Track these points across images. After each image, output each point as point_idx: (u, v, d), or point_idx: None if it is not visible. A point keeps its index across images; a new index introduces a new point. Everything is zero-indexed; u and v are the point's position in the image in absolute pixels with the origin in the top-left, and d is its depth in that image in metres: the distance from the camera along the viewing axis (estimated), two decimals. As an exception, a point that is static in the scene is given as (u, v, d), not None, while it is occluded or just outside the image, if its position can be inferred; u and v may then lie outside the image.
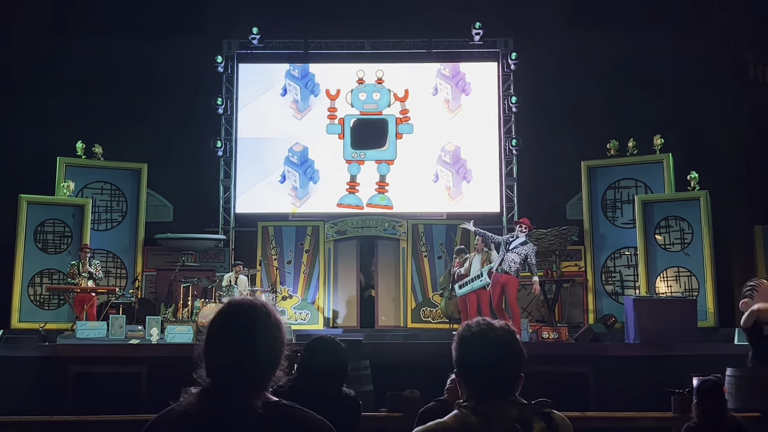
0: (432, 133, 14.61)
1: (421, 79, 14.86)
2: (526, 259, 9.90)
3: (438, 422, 2.07)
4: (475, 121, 14.65)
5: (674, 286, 12.08)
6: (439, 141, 14.59)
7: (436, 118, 14.69)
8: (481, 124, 14.63)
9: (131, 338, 10.00)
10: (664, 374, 7.57)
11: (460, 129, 14.63)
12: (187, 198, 14.43)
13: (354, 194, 14.49)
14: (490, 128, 14.59)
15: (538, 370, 7.09)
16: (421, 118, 14.68)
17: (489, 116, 14.64)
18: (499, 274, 9.83)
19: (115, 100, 14.13)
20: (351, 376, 3.81)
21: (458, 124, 14.66)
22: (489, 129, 14.60)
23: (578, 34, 14.12)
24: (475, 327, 2.14)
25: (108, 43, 14.24)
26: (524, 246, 9.90)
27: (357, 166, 14.58)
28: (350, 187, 14.52)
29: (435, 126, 14.66)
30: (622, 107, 13.78)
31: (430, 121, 14.66)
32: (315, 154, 14.63)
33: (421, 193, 14.43)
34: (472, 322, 2.19)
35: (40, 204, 12.63)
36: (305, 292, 13.42)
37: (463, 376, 2.13)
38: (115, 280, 13.26)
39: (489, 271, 10.12)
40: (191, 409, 1.79)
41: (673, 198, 12.45)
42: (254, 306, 1.91)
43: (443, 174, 14.50)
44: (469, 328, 2.16)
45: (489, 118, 14.63)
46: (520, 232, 9.97)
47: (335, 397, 3.45)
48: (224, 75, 14.71)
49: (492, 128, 14.58)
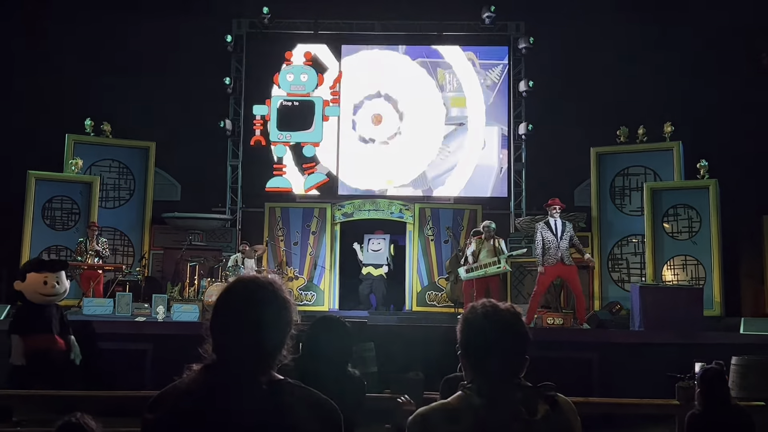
0: (441, 116, 14.56)
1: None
2: (571, 240, 9.85)
3: (442, 402, 2.06)
4: (485, 105, 14.58)
5: (681, 275, 12.04)
6: (449, 124, 14.54)
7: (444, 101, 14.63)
8: (490, 108, 14.56)
9: (137, 316, 10.04)
10: (669, 362, 7.56)
11: (470, 112, 14.57)
12: (194, 177, 14.44)
13: (281, 177, 14.47)
14: (500, 113, 14.52)
15: (543, 355, 7.09)
16: (428, 101, 14.62)
17: (501, 101, 14.56)
18: (553, 266, 9.74)
19: (124, 78, 14.08)
20: (355, 357, 3.82)
21: (467, 107, 14.60)
22: (499, 113, 14.54)
23: (589, 19, 13.98)
24: (480, 309, 2.12)
25: (117, 20, 14.16)
26: (567, 228, 9.85)
27: (283, 147, 14.54)
28: (276, 169, 14.50)
29: (443, 110, 14.61)
30: (633, 94, 13.67)
31: (439, 103, 14.61)
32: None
33: (430, 177, 14.41)
34: (478, 304, 2.17)
35: (48, 180, 12.65)
36: (311, 273, 13.45)
37: (468, 358, 2.11)
38: (122, 258, 13.31)
39: (507, 258, 10.17)
40: (195, 385, 1.79)
41: (682, 186, 12.39)
42: (261, 284, 1.90)
43: (451, 158, 14.45)
44: (475, 310, 2.14)
45: (501, 103, 14.55)
46: (555, 212, 9.89)
47: (340, 376, 3.46)
48: (233, 54, 14.66)
49: (503, 113, 14.51)
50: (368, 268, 13.16)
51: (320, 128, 14.56)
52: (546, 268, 9.81)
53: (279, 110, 14.59)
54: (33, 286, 7.19)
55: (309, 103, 14.63)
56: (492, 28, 14.40)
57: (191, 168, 14.43)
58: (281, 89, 14.66)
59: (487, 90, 14.60)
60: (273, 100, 14.60)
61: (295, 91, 14.68)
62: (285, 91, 14.68)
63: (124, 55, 14.23)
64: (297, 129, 14.51)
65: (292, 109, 14.59)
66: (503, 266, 10.34)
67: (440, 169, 14.45)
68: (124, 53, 14.23)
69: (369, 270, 13.14)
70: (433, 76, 14.72)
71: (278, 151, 14.50)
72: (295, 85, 14.69)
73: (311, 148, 14.52)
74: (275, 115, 14.56)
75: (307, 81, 14.69)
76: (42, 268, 7.30)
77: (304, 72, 14.72)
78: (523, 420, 1.95)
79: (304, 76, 14.72)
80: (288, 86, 14.70)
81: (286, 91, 14.67)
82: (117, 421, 5.81)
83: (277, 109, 14.59)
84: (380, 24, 14.71)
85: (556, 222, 9.89)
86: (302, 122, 14.53)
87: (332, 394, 1.96)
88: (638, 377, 7.73)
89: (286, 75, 14.71)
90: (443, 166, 14.46)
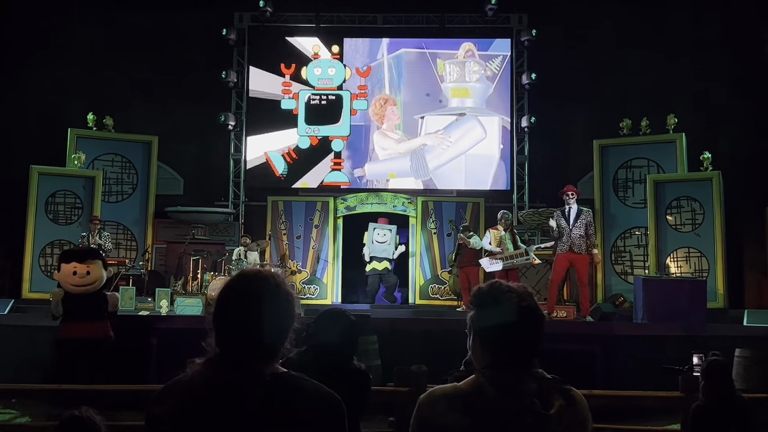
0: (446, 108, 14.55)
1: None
2: (587, 229, 9.81)
3: (454, 385, 1.98)
4: (486, 96, 14.55)
5: (684, 267, 12.03)
6: (450, 114, 14.52)
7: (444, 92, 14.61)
8: (491, 99, 14.53)
9: (141, 310, 10.06)
10: (672, 354, 7.55)
11: (470, 103, 14.55)
12: (197, 171, 14.47)
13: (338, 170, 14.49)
14: (503, 105, 14.49)
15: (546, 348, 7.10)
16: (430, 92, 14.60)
17: (502, 92, 14.53)
18: (564, 253, 9.73)
19: (126, 72, 14.10)
20: (359, 350, 3.81)
21: (467, 98, 14.57)
22: (500, 105, 14.51)
23: (592, 11, 13.94)
24: (499, 291, 2.02)
25: (119, 14, 14.17)
26: (583, 216, 9.81)
27: (306, 140, 14.52)
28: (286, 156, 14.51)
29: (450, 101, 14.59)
30: (636, 86, 13.65)
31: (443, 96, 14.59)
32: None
33: (431, 168, 14.39)
34: (492, 284, 2.07)
35: (51, 175, 12.66)
36: (314, 266, 13.46)
37: (482, 341, 2.00)
38: (125, 252, 13.33)
39: (535, 249, 10.17)
40: (198, 378, 1.80)
41: (685, 178, 12.36)
42: (264, 277, 1.90)
43: (452, 148, 14.43)
44: (494, 293, 2.03)
45: (502, 95, 14.52)
46: (569, 199, 9.86)
47: (345, 369, 3.45)
48: (235, 48, 14.65)
49: (505, 105, 14.48)
50: (372, 263, 12.84)
51: (348, 122, 14.55)
52: (558, 255, 9.85)
53: (306, 104, 14.58)
54: (64, 277, 7.24)
55: (337, 97, 14.63)
56: (494, 20, 14.37)
57: (194, 162, 14.46)
58: (309, 83, 14.65)
59: (487, 81, 14.55)
60: (300, 94, 14.60)
61: (323, 85, 14.67)
62: (313, 85, 14.67)
63: (126, 48, 14.22)
64: (325, 123, 14.51)
65: (320, 103, 14.60)
66: (532, 258, 10.35)
67: (441, 159, 14.41)
68: (126, 47, 14.22)
69: (373, 265, 12.81)
70: (433, 66, 14.68)
71: (302, 143, 14.49)
72: (323, 79, 14.68)
73: (339, 142, 14.51)
74: (303, 109, 14.56)
75: (335, 75, 14.68)
76: (71, 258, 7.34)
77: (331, 66, 14.72)
78: (536, 413, 1.87)
79: (331, 69, 14.71)
80: (316, 80, 14.69)
81: (314, 85, 14.67)
82: (121, 414, 5.83)
83: (305, 103, 14.58)
84: (382, 17, 14.68)
85: (571, 209, 9.89)
86: (330, 116, 14.53)
87: (337, 386, 1.95)
88: (641, 369, 7.73)
89: (314, 69, 14.70)
90: (444, 156, 14.42)
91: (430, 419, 1.92)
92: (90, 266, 7.24)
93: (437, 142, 14.41)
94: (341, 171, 14.46)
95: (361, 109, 14.57)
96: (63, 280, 7.25)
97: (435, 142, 14.42)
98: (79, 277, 7.18)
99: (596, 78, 13.81)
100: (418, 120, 14.54)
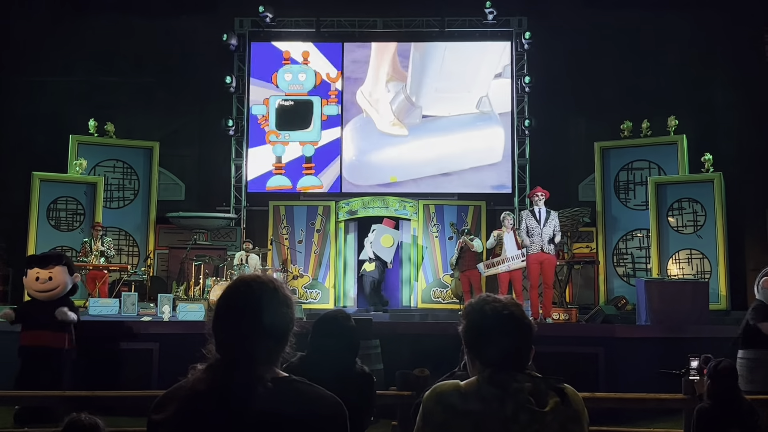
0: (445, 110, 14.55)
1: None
2: (554, 231, 9.71)
3: (456, 383, 2.06)
4: (486, 98, 14.54)
5: (686, 269, 12.02)
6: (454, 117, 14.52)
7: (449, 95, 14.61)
8: (494, 103, 14.52)
9: (143, 315, 10.06)
10: (675, 356, 7.54)
11: (474, 107, 14.54)
12: (198, 176, 14.49)
13: (281, 175, 14.51)
14: (504, 108, 14.48)
15: (549, 350, 7.09)
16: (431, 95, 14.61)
17: (502, 96, 14.52)
18: (535, 254, 9.63)
19: (127, 78, 14.13)
20: (361, 354, 3.81)
21: (468, 100, 14.57)
22: (502, 108, 14.50)
23: (592, 12, 13.95)
24: (484, 303, 2.12)
25: (120, 21, 14.20)
26: (551, 217, 9.72)
27: (281, 147, 14.56)
28: (276, 168, 14.53)
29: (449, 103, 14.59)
30: (636, 88, 13.65)
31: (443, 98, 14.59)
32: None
33: (434, 174, 14.39)
34: (480, 297, 2.17)
35: (52, 181, 12.69)
36: (316, 271, 13.46)
37: (476, 353, 2.10)
38: (127, 258, 13.34)
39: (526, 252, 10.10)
40: (199, 384, 1.79)
41: (686, 180, 12.37)
42: (262, 282, 1.90)
43: (455, 154, 14.43)
44: (480, 304, 2.12)
45: (502, 98, 14.51)
46: (538, 200, 9.79)
47: (348, 373, 3.44)
48: (236, 53, 14.67)
49: (505, 108, 14.47)
50: (364, 264, 12.64)
51: (318, 127, 14.56)
52: (529, 257, 9.74)
53: (277, 110, 14.61)
54: (28, 282, 7.23)
55: (307, 102, 14.64)
56: (494, 23, 14.38)
57: (195, 167, 14.47)
58: (279, 89, 14.68)
59: (487, 83, 14.54)
60: (271, 99, 14.61)
61: (293, 90, 14.69)
62: (283, 90, 14.69)
63: (127, 55, 14.25)
64: (296, 128, 14.53)
65: (290, 109, 14.62)
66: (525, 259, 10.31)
67: (443, 162, 14.39)
68: (127, 53, 14.25)
69: (364, 267, 12.64)
70: (434, 67, 14.69)
71: (276, 150, 14.52)
72: (293, 84, 14.70)
73: (310, 148, 14.53)
74: (274, 115, 14.58)
75: (305, 80, 14.71)
76: (33, 264, 7.30)
77: (302, 71, 14.74)
78: (531, 411, 1.94)
79: (302, 75, 14.73)
80: (286, 85, 14.71)
81: (285, 91, 14.69)
82: (123, 420, 5.83)
83: (276, 109, 14.60)
84: (382, 21, 14.70)
85: (541, 210, 9.80)
86: (301, 121, 14.55)
87: (340, 391, 1.95)
88: (644, 372, 7.72)
89: (284, 74, 14.73)
90: (445, 158, 14.41)
91: (434, 414, 2.01)
92: (52, 271, 7.19)
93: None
94: (313, 175, 14.50)
95: (331, 115, 14.60)
96: (27, 286, 7.25)
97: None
98: (41, 282, 7.15)
99: (597, 80, 13.82)
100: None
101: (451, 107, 14.50)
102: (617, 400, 5.90)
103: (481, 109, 14.41)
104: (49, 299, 7.12)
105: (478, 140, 14.40)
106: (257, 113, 14.62)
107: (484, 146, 14.40)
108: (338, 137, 14.55)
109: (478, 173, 14.35)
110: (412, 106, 14.54)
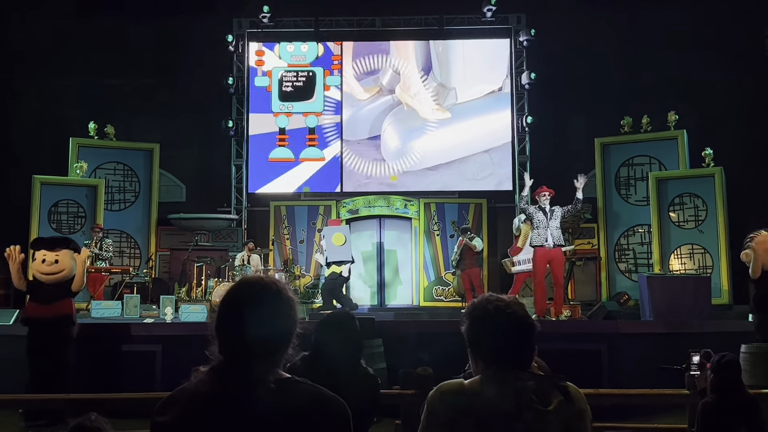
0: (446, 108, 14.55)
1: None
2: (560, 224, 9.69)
3: (460, 382, 2.09)
4: (489, 97, 14.54)
5: (688, 264, 12.01)
6: (455, 116, 14.52)
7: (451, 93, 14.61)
8: (494, 100, 14.51)
9: (145, 317, 10.05)
10: (678, 352, 7.53)
11: (475, 105, 14.54)
12: (199, 178, 14.48)
13: (284, 147, 14.55)
14: (503, 105, 14.48)
15: (552, 347, 7.08)
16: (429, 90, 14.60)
17: (501, 93, 14.52)
18: (544, 250, 9.54)
19: (126, 80, 14.13)
20: (364, 354, 3.80)
21: (472, 100, 14.56)
22: (502, 106, 14.49)
23: (591, 9, 13.95)
24: (487, 302, 2.13)
25: (120, 22, 14.20)
26: (557, 212, 9.62)
27: (285, 118, 14.60)
28: (280, 140, 14.57)
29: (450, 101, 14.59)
30: (636, 83, 13.64)
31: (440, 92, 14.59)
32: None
33: (433, 171, 14.38)
34: (483, 297, 2.18)
35: (53, 185, 12.68)
36: (318, 271, 13.46)
37: (479, 352, 2.11)
38: (129, 260, 13.34)
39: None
40: (202, 386, 1.79)
41: (687, 175, 12.36)
42: (265, 283, 1.90)
43: (456, 152, 14.43)
44: (483, 304, 2.14)
45: (501, 95, 14.51)
46: (545, 200, 9.69)
47: (352, 373, 3.43)
48: (235, 54, 14.67)
49: (505, 104, 14.47)
50: (332, 267, 11.69)
51: (321, 98, 14.60)
52: (537, 252, 9.61)
53: (280, 81, 14.64)
54: (34, 265, 7.25)
55: (310, 74, 14.66)
56: (493, 21, 14.36)
57: (196, 168, 14.46)
58: (282, 60, 14.75)
59: (487, 80, 14.54)
60: (274, 71, 14.66)
61: (296, 62, 14.74)
62: (286, 62, 14.73)
63: (127, 56, 14.24)
64: (298, 99, 14.56)
65: (292, 80, 14.69)
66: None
67: (441, 158, 14.39)
68: (126, 55, 14.25)
69: (332, 269, 11.64)
70: (435, 64, 14.68)
71: (280, 122, 14.57)
72: (296, 56, 14.75)
73: (314, 118, 14.57)
74: (276, 87, 14.61)
75: (308, 51, 14.78)
76: (40, 246, 7.32)
77: (304, 43, 14.82)
78: (535, 409, 1.96)
79: (304, 46, 14.81)
80: (289, 57, 14.75)
81: (287, 62, 14.74)
82: (127, 422, 5.83)
83: (278, 81, 14.64)
84: (381, 20, 14.69)
85: (546, 209, 9.74)
86: (303, 93, 14.59)
87: (344, 391, 1.95)
88: (647, 368, 7.71)
89: (287, 46, 14.81)
90: (445, 155, 14.40)
91: (438, 413, 2.03)
92: (59, 254, 7.20)
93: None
94: (316, 147, 14.59)
95: (334, 85, 14.64)
96: (34, 268, 7.27)
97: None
98: (47, 265, 7.16)
99: (596, 76, 13.80)
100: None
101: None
102: (621, 396, 5.89)
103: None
104: (53, 282, 7.15)
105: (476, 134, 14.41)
106: (260, 84, 14.74)
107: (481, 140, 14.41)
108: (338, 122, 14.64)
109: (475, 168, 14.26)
110: (445, 89, 14.59)
